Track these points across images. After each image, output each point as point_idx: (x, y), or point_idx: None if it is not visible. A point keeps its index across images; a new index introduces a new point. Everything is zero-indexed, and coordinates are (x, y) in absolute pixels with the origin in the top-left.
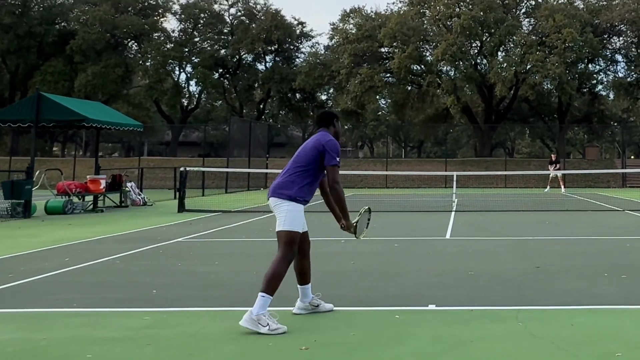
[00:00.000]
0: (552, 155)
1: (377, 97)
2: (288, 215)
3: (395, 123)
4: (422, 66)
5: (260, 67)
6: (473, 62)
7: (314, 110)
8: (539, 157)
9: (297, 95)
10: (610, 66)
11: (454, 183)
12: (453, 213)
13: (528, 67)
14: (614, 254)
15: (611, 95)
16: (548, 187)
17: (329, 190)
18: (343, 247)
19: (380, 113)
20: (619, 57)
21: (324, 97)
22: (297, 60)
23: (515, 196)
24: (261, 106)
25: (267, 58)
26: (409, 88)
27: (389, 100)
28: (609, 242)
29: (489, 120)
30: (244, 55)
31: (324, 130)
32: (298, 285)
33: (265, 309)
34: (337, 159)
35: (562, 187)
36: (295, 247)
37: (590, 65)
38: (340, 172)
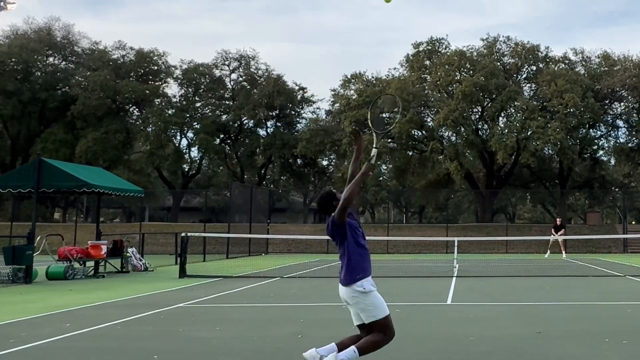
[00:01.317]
0: (558, 220)
1: (379, 162)
2: (375, 300)
3: (396, 188)
4: (424, 131)
5: (262, 132)
6: (474, 128)
7: (315, 175)
8: (540, 223)
9: (299, 161)
10: (612, 131)
11: (455, 248)
12: (454, 278)
13: (529, 133)
14: (615, 320)
15: (612, 161)
16: (548, 252)
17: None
18: (343, 312)
19: (381, 178)
20: (620, 123)
21: (325, 163)
22: (298, 125)
23: (516, 262)
24: (262, 171)
25: (269, 123)
26: (410, 153)
27: (390, 166)
28: (610, 308)
29: (490, 185)
30: (245, 121)
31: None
32: (335, 343)
33: None
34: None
35: (564, 252)
36: (392, 328)
37: (591, 131)
38: None
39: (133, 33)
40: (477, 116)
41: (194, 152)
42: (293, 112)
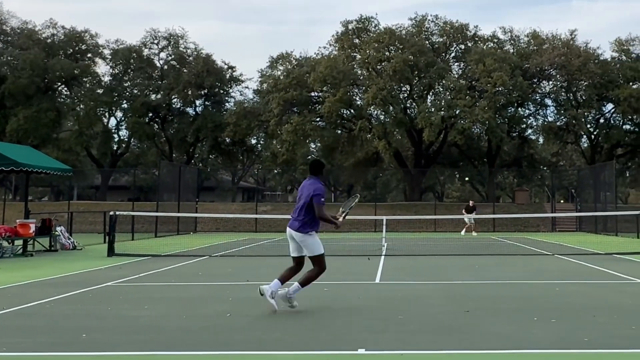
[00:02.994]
0: (471, 202)
1: (308, 141)
2: (315, 243)
3: (325, 167)
4: (352, 110)
5: (191, 111)
6: (403, 106)
7: (243, 154)
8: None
9: (227, 140)
10: (540, 110)
11: (384, 227)
12: (383, 257)
13: (457, 112)
14: (543, 298)
15: (541, 139)
16: (464, 231)
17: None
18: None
19: (309, 157)
20: (548, 101)
21: (254, 141)
22: (227, 104)
23: (444, 240)
24: (191, 150)
25: (197, 102)
26: (339, 132)
27: (319, 145)
28: (538, 286)
29: (418, 164)
30: (174, 100)
31: (314, 178)
32: (277, 278)
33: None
34: (322, 199)
35: (474, 232)
36: (324, 264)
37: (520, 109)
38: (269, 215)
39: (63, 11)
40: (406, 95)
41: (123, 132)
42: (222, 91)
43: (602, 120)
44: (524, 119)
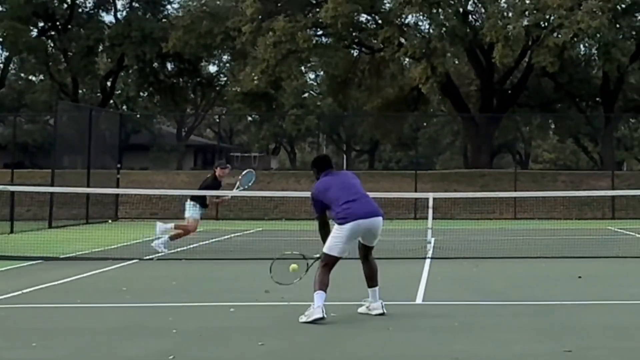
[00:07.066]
0: None
1: (303, 67)
2: None
3: (332, 112)
4: (376, 16)
5: (108, 17)
6: (461, 9)
7: (196, 89)
8: (572, 169)
9: (169, 66)
10: None
11: (430, 211)
12: (428, 261)
13: (550, 17)
14: None
15: None
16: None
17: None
18: (237, 317)
19: (306, 95)
20: None
21: (213, 69)
22: (168, 6)
23: (530, 233)
24: (108, 83)
25: (120, 3)
26: (355, 53)
27: (322, 74)
28: None
29: (487, 107)
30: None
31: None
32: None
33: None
34: None
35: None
36: None
37: None
38: (242, 193)
39: None
40: None
41: None
42: None
43: None
44: None
